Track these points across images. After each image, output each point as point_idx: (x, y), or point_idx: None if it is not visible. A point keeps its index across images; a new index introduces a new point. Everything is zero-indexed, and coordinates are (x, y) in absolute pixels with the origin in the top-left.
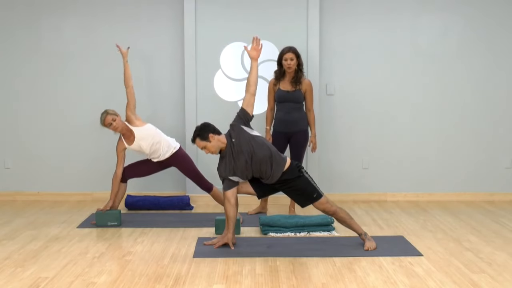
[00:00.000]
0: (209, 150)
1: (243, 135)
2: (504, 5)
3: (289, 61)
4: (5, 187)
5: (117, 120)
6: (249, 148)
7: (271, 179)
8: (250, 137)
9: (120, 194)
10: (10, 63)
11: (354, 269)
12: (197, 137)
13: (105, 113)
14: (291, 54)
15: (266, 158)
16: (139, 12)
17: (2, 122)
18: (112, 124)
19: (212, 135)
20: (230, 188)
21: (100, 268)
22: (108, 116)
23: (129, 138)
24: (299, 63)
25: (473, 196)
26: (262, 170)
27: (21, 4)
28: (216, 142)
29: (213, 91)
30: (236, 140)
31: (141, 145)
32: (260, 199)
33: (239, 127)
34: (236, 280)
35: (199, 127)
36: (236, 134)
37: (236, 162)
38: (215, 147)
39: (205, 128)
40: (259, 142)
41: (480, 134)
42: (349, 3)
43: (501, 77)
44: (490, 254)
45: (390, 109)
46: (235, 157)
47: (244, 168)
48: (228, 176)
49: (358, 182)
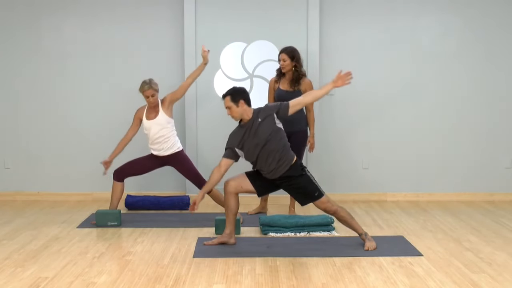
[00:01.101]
0: (232, 113)
1: (268, 122)
2: (504, 5)
3: (281, 62)
4: (5, 187)
5: (155, 97)
6: (267, 136)
7: (273, 174)
8: (273, 128)
9: (118, 193)
10: (10, 63)
11: (354, 269)
12: (228, 96)
13: (149, 85)
14: (284, 55)
15: (275, 152)
16: (139, 12)
17: (2, 122)
18: (149, 98)
19: (243, 102)
20: (228, 158)
21: (100, 268)
22: (150, 90)
23: (150, 114)
24: (295, 65)
25: (473, 196)
26: (268, 161)
27: (21, 4)
28: (242, 110)
29: (213, 91)
30: (261, 121)
31: (151, 128)
32: (260, 197)
33: (270, 113)
34: (236, 280)
35: (236, 88)
36: (264, 116)
37: (249, 139)
38: (239, 113)
39: (239, 92)
40: (278, 136)
41: (480, 134)
42: (349, 4)
43: (501, 77)
44: (490, 254)
45: (390, 109)
46: (250, 134)
47: (252, 148)
48: (234, 147)
49: (358, 182)
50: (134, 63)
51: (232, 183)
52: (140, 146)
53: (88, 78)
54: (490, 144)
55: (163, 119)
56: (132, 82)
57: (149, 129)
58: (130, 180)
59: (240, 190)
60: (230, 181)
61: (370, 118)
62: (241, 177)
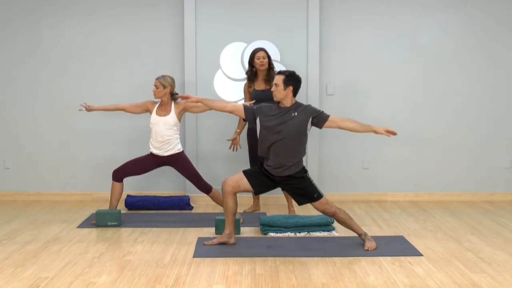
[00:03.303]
0: (276, 91)
1: (301, 121)
2: (504, 5)
3: (261, 59)
4: (5, 187)
5: (158, 89)
6: (292, 132)
7: (277, 171)
8: (302, 130)
9: (117, 193)
10: (10, 63)
11: (354, 269)
12: (283, 74)
13: (160, 77)
14: (263, 53)
15: (290, 151)
16: (139, 12)
17: (2, 122)
18: (154, 88)
19: (291, 89)
20: (244, 107)
21: (100, 268)
22: (156, 81)
23: (161, 110)
24: (270, 63)
25: (473, 196)
26: (279, 156)
27: (21, 4)
28: (286, 94)
29: (213, 91)
30: (296, 116)
31: (158, 125)
32: (257, 195)
33: (308, 115)
34: (236, 280)
35: (294, 74)
36: (301, 113)
37: (276, 122)
38: (282, 95)
39: (295, 79)
40: (301, 140)
41: (480, 134)
42: (349, 3)
43: (501, 77)
44: (490, 254)
45: (390, 109)
46: (280, 120)
47: (271, 133)
48: (259, 113)
49: (358, 182)
50: (134, 63)
51: (229, 183)
52: (140, 146)
53: (88, 78)
54: (490, 144)
55: (172, 120)
56: (132, 82)
57: (155, 125)
58: (130, 180)
59: (238, 189)
60: (227, 181)
61: (370, 118)
62: (238, 176)
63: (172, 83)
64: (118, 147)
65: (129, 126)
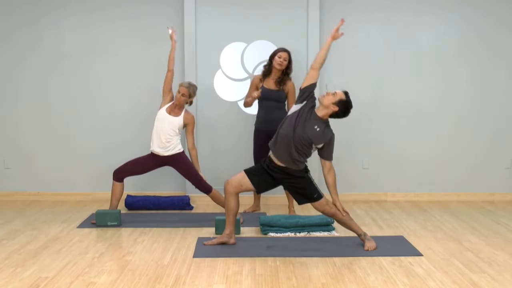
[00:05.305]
0: (328, 98)
1: (314, 138)
2: (504, 5)
3: (282, 59)
4: (5, 187)
5: (184, 98)
6: (300, 139)
7: (286, 163)
8: (309, 143)
9: (118, 193)
10: (10, 63)
11: (354, 269)
12: (345, 95)
13: (189, 85)
14: (286, 54)
15: (298, 150)
16: (139, 11)
17: (2, 122)
18: (179, 94)
19: (335, 110)
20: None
21: (100, 268)
22: (185, 89)
23: (172, 110)
24: (289, 67)
25: (473, 196)
26: (288, 149)
27: (21, 4)
28: (328, 108)
29: (213, 91)
30: (316, 131)
31: (163, 121)
32: (259, 194)
33: (322, 142)
34: (236, 280)
35: (349, 103)
36: (320, 134)
37: (303, 116)
38: (327, 104)
39: (345, 107)
40: (305, 152)
41: (480, 134)
42: (349, 4)
43: (501, 76)
44: (490, 254)
45: (390, 109)
46: (306, 119)
47: (291, 116)
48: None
49: (358, 182)
50: (134, 63)
51: (232, 183)
52: (140, 146)
53: (88, 77)
54: (490, 144)
55: (178, 123)
56: (131, 82)
57: (160, 120)
58: (130, 180)
59: (240, 189)
60: (229, 181)
61: (370, 118)
62: (240, 175)
63: (196, 93)
64: (118, 147)
65: (129, 126)
